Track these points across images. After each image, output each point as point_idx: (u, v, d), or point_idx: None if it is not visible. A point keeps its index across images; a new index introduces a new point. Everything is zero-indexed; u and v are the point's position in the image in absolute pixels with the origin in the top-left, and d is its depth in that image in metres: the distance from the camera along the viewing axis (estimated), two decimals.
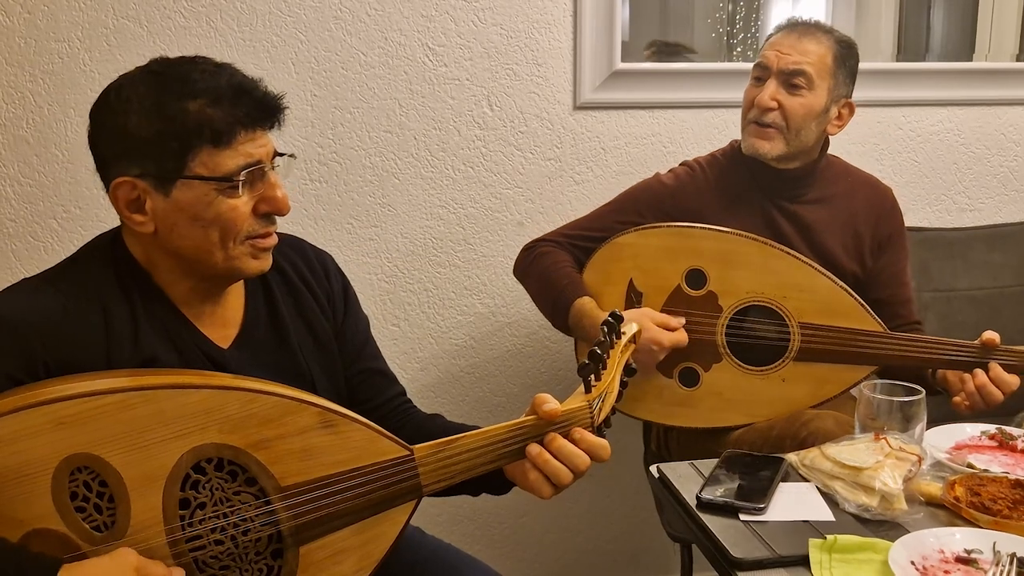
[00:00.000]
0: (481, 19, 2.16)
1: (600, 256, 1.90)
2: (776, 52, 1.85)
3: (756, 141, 1.86)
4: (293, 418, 1.15)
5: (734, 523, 1.28)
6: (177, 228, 1.21)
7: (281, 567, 1.17)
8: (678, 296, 1.83)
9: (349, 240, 2.19)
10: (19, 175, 2.03)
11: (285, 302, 1.36)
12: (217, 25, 2.05)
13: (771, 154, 1.86)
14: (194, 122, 1.17)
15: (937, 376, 1.78)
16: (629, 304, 1.86)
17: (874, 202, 1.98)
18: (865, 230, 1.95)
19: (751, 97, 1.88)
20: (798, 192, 1.92)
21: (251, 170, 1.20)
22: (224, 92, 1.18)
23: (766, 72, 1.86)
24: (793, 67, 1.83)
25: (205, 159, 1.18)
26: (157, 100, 1.18)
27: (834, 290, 1.78)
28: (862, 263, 1.95)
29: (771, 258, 1.79)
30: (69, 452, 1.09)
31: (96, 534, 1.11)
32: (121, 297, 1.23)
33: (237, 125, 1.19)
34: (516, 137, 2.23)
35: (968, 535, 1.22)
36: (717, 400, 1.81)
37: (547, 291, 1.90)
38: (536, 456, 1.18)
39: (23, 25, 1.97)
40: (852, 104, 1.92)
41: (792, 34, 1.87)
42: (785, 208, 1.91)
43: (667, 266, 1.84)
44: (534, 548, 2.44)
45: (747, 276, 1.79)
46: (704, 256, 1.81)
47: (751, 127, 1.87)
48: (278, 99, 1.23)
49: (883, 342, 1.76)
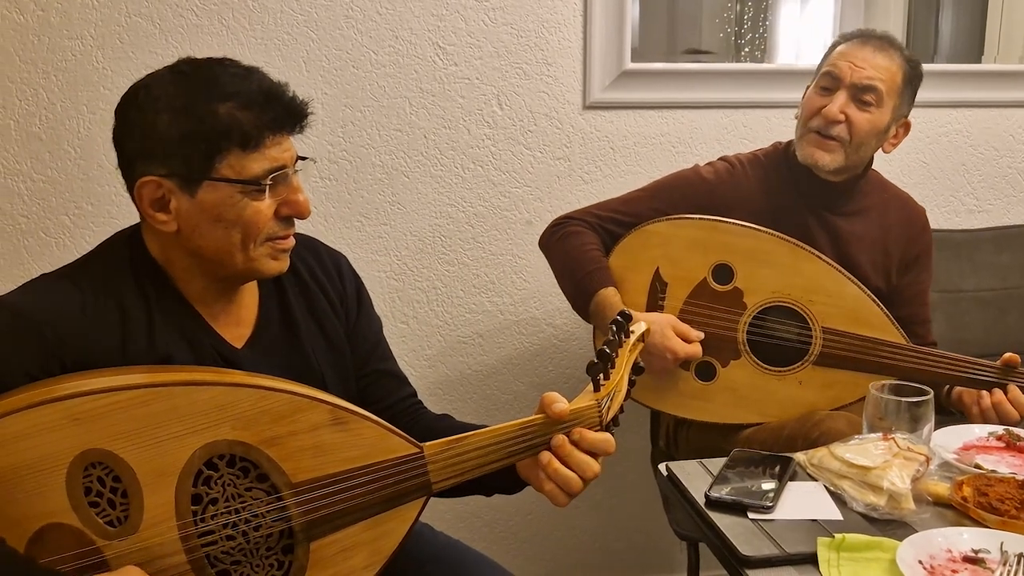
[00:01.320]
0: (491, 18, 2.17)
1: (629, 242, 1.89)
2: (850, 64, 1.81)
3: (816, 152, 1.83)
4: (304, 415, 1.16)
5: (742, 521, 1.29)
6: (200, 228, 1.22)
7: (292, 562, 1.18)
8: (703, 289, 1.82)
9: (359, 238, 2.20)
10: (31, 172, 2.04)
11: (298, 303, 1.37)
12: (229, 23, 2.06)
13: (830, 166, 1.83)
14: (223, 125, 1.18)
15: (952, 395, 1.77)
16: (653, 293, 1.85)
17: (907, 220, 1.97)
18: (895, 247, 1.94)
19: (816, 106, 1.83)
20: (838, 204, 1.90)
21: (276, 174, 1.22)
22: (254, 96, 1.19)
23: (836, 83, 1.82)
24: (866, 82, 1.80)
25: (232, 162, 1.19)
26: (187, 101, 1.18)
27: (861, 298, 1.77)
28: (887, 279, 1.94)
29: (801, 260, 1.78)
30: (84, 447, 1.10)
31: (110, 529, 1.12)
32: (138, 294, 1.24)
33: (265, 129, 1.20)
34: (525, 136, 2.23)
35: (976, 535, 1.22)
36: (731, 396, 1.81)
37: (572, 272, 1.88)
38: (547, 465, 1.19)
39: (36, 22, 1.98)
40: (909, 123, 1.90)
41: (866, 47, 1.83)
42: (822, 217, 1.90)
43: (695, 258, 1.83)
44: (541, 545, 2.44)
45: (775, 276, 1.79)
46: (734, 252, 1.81)
47: (811, 136, 1.83)
48: (305, 105, 1.24)
49: (904, 355, 1.75)
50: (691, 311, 1.83)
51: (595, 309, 1.84)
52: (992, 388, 1.69)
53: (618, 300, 1.82)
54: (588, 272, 1.85)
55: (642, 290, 1.85)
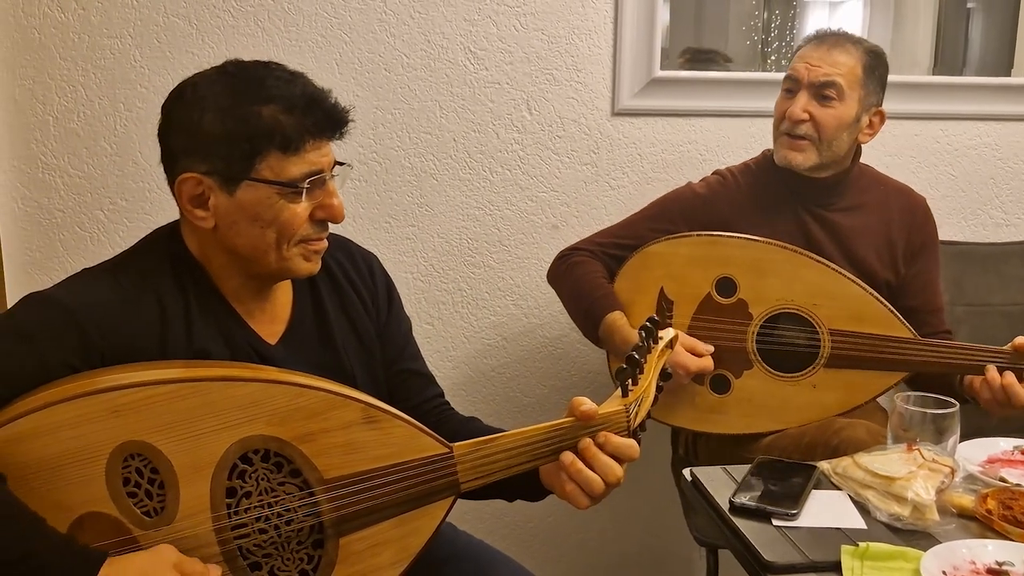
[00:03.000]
0: (523, 24, 2.19)
1: (631, 265, 1.92)
2: (806, 65, 1.87)
3: (789, 153, 1.88)
4: (338, 413, 1.18)
5: (766, 528, 1.30)
6: (237, 226, 1.24)
7: (321, 557, 1.20)
8: (708, 304, 1.85)
9: (386, 239, 2.22)
10: (68, 167, 2.08)
11: (331, 301, 1.39)
12: (264, 25, 2.09)
13: (804, 165, 1.87)
14: (266, 126, 1.20)
15: (964, 383, 1.78)
16: (660, 312, 1.88)
17: (908, 210, 1.99)
18: (899, 238, 1.96)
19: (782, 109, 1.89)
20: (831, 200, 1.93)
21: (314, 178, 1.24)
22: (298, 101, 1.21)
23: (796, 84, 1.88)
24: (823, 79, 1.85)
25: (272, 163, 1.21)
26: (232, 101, 1.21)
27: (864, 297, 1.79)
28: (895, 270, 1.96)
29: (801, 266, 1.80)
30: (123, 439, 1.12)
31: (146, 519, 1.14)
32: (176, 290, 1.26)
33: (306, 134, 1.22)
34: (554, 141, 2.25)
35: (1000, 547, 1.23)
36: (748, 407, 1.83)
37: (579, 301, 1.92)
38: (570, 465, 1.20)
39: (77, 21, 2.02)
40: (883, 112, 1.93)
41: (821, 46, 1.88)
42: (818, 215, 1.92)
43: (697, 274, 1.85)
44: (560, 548, 2.46)
45: (777, 284, 1.81)
46: (734, 264, 1.83)
47: (783, 139, 1.89)
48: (346, 112, 1.26)
49: (913, 348, 1.76)
50: (699, 326, 1.85)
51: (603, 334, 1.87)
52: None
53: (625, 323, 1.85)
54: (595, 299, 1.88)
55: (649, 311, 1.88)
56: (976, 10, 2.81)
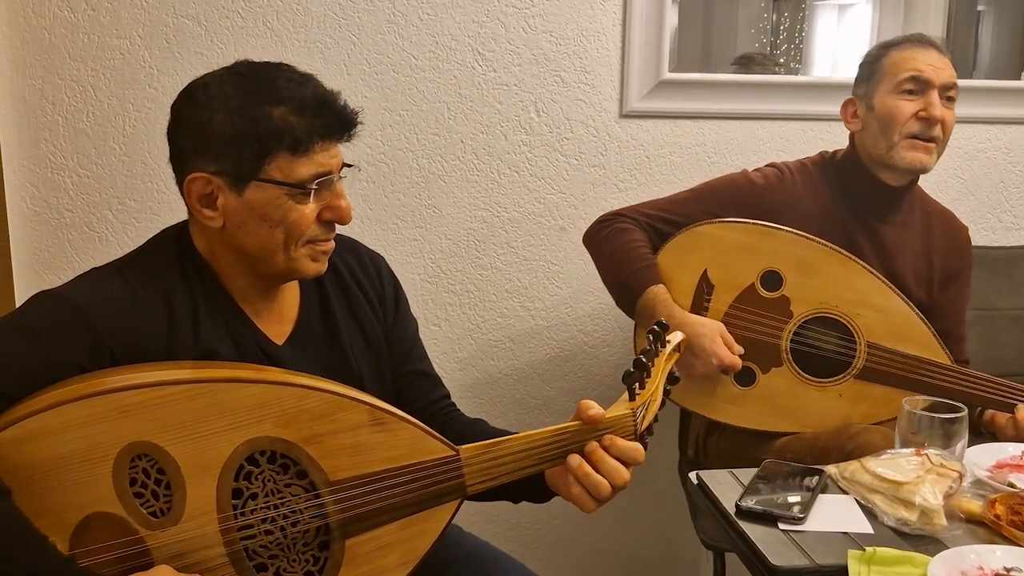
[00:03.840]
0: (531, 26, 2.19)
1: (677, 242, 1.88)
2: (932, 66, 1.84)
3: (920, 156, 1.84)
4: (344, 415, 1.19)
5: (773, 531, 1.29)
6: (245, 226, 1.24)
7: (327, 558, 1.20)
8: (750, 295, 1.82)
9: (394, 240, 2.22)
10: (78, 166, 2.08)
11: (338, 302, 1.39)
12: (273, 26, 2.09)
13: (928, 167, 1.85)
14: (276, 128, 1.20)
15: (985, 416, 1.77)
16: (699, 294, 1.85)
17: (951, 235, 1.98)
18: (938, 260, 1.95)
19: (909, 111, 1.83)
20: (888, 212, 1.91)
21: (322, 180, 1.24)
22: (308, 103, 1.22)
23: (924, 86, 1.84)
24: (950, 80, 1.84)
25: (281, 164, 1.22)
26: (242, 102, 1.21)
27: (909, 315, 1.77)
28: (929, 292, 1.94)
29: (851, 273, 1.79)
30: (131, 439, 1.13)
31: (153, 519, 1.15)
32: (185, 290, 1.27)
33: (315, 135, 1.22)
34: (561, 143, 2.25)
35: (1008, 553, 1.22)
36: (769, 404, 1.81)
37: (620, 269, 1.87)
38: (576, 468, 1.20)
39: (87, 21, 2.03)
40: None
41: (931, 50, 1.87)
42: (869, 225, 1.90)
43: (744, 263, 1.83)
44: (566, 551, 2.45)
45: (824, 286, 1.79)
46: (784, 259, 1.81)
47: (909, 141, 1.84)
48: (355, 114, 1.27)
49: (948, 376, 1.75)
50: (736, 315, 1.83)
51: (642, 307, 1.83)
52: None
53: (668, 298, 1.81)
54: (637, 269, 1.84)
55: (688, 291, 1.85)
56: (986, 13, 2.80)
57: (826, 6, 2.89)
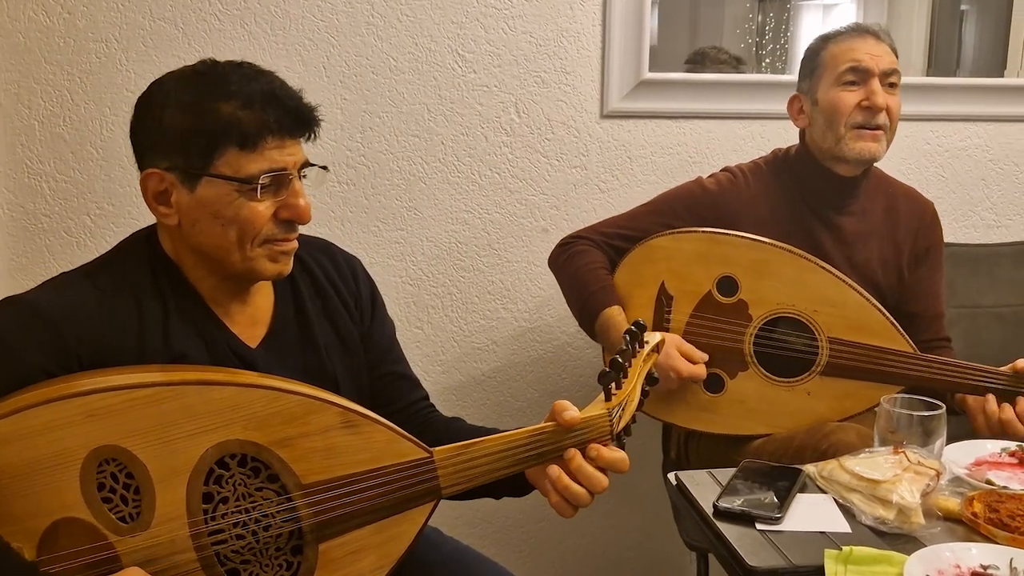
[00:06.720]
0: (511, 27, 2.18)
1: (633, 257, 1.89)
2: (870, 55, 1.84)
3: (869, 145, 1.84)
4: (316, 417, 1.17)
5: (750, 532, 1.29)
6: (199, 224, 1.24)
7: (300, 563, 1.19)
8: (708, 302, 1.83)
9: (375, 243, 2.21)
10: (55, 172, 2.07)
11: (313, 304, 1.38)
12: (251, 28, 2.08)
13: (879, 155, 1.85)
14: (224, 122, 1.20)
15: (957, 398, 1.77)
16: (659, 307, 1.86)
17: (916, 215, 1.98)
18: (905, 242, 1.95)
19: (851, 102, 1.83)
20: (845, 201, 1.91)
21: (274, 176, 1.23)
22: (256, 97, 1.21)
23: (863, 75, 1.84)
24: (891, 67, 1.84)
25: (230, 159, 1.21)
26: (193, 97, 1.21)
27: (866, 307, 1.77)
28: (899, 275, 1.94)
29: (805, 271, 1.79)
30: (98, 443, 1.11)
31: (122, 525, 1.14)
32: (154, 293, 1.26)
33: (265, 130, 1.21)
34: (543, 144, 2.24)
35: (985, 551, 1.21)
36: (740, 408, 1.82)
37: (578, 292, 1.90)
38: (556, 480, 1.20)
39: (62, 25, 2.01)
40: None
41: (868, 37, 1.86)
42: (827, 218, 1.91)
43: (699, 271, 1.83)
44: (551, 553, 2.44)
45: (779, 287, 1.79)
46: (737, 264, 1.81)
47: (857, 131, 1.84)
48: (311, 111, 1.26)
49: (912, 363, 1.75)
50: (697, 324, 1.84)
51: (599, 329, 1.85)
52: (1001, 403, 1.68)
53: (622, 319, 1.83)
54: (593, 292, 1.86)
55: (648, 304, 1.86)
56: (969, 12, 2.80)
57: (811, 6, 2.90)
